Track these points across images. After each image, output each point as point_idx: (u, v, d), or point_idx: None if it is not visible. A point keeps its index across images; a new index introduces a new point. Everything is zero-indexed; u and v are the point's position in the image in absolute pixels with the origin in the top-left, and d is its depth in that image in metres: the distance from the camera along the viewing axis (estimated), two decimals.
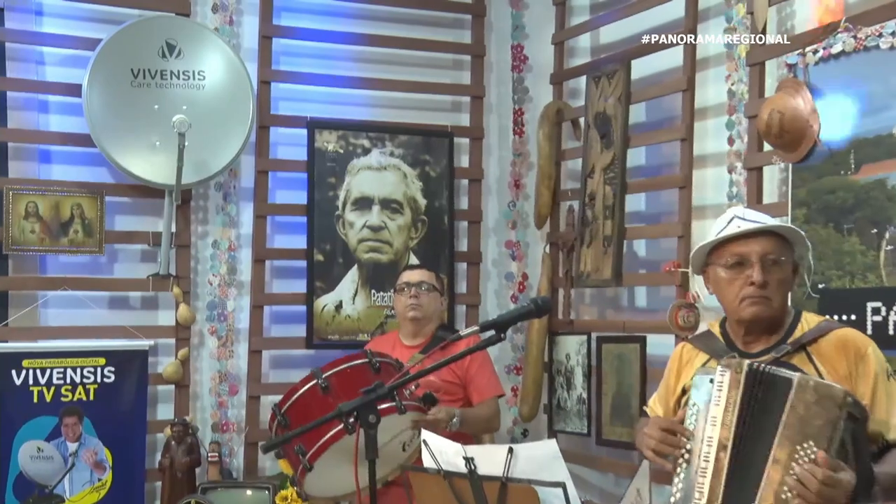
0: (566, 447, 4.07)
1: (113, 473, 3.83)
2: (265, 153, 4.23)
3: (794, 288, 2.80)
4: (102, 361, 3.84)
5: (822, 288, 3.10)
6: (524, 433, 4.46)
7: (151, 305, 4.14)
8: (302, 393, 2.97)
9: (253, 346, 4.19)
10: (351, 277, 4.27)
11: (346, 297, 4.26)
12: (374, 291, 4.29)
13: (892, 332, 2.89)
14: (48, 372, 3.76)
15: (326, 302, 4.23)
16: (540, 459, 2.24)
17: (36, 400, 3.74)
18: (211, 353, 4.18)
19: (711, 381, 2.29)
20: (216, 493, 3.89)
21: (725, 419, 2.24)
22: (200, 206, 4.21)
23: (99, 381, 3.83)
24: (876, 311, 2.93)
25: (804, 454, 2.14)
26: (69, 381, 3.79)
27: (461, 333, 2.44)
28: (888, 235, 2.92)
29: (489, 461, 2.27)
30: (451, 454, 2.35)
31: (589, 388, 4.04)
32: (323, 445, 2.81)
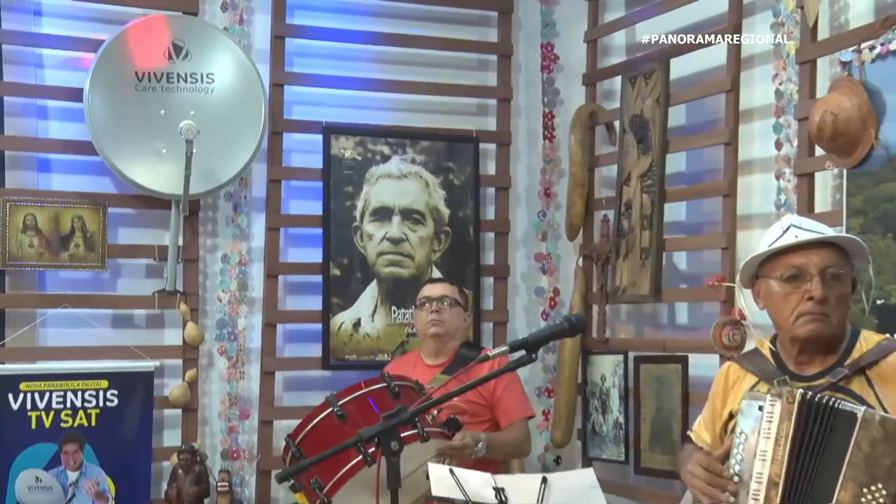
0: (602, 476, 3.94)
1: None
2: (278, 161, 4.24)
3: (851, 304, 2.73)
4: (105, 384, 3.85)
5: (880, 304, 3.06)
6: (557, 461, 4.44)
7: (157, 324, 4.14)
8: (317, 422, 2.97)
9: (265, 367, 4.19)
10: (370, 293, 4.27)
11: (364, 314, 4.26)
12: (394, 308, 4.29)
13: None
14: (47, 395, 3.76)
15: (343, 320, 4.24)
16: (576, 490, 2.23)
17: (34, 426, 3.74)
18: (220, 374, 4.19)
19: (760, 408, 2.25)
20: None
21: (776, 454, 2.19)
22: (209, 217, 4.22)
23: (101, 405, 3.83)
24: None
25: (872, 498, 2.08)
26: (69, 405, 3.79)
27: (489, 354, 2.42)
28: None
29: (521, 491, 2.26)
30: (478, 484, 2.33)
31: (626, 411, 4.03)
32: (342, 478, 2.80)
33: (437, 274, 4.31)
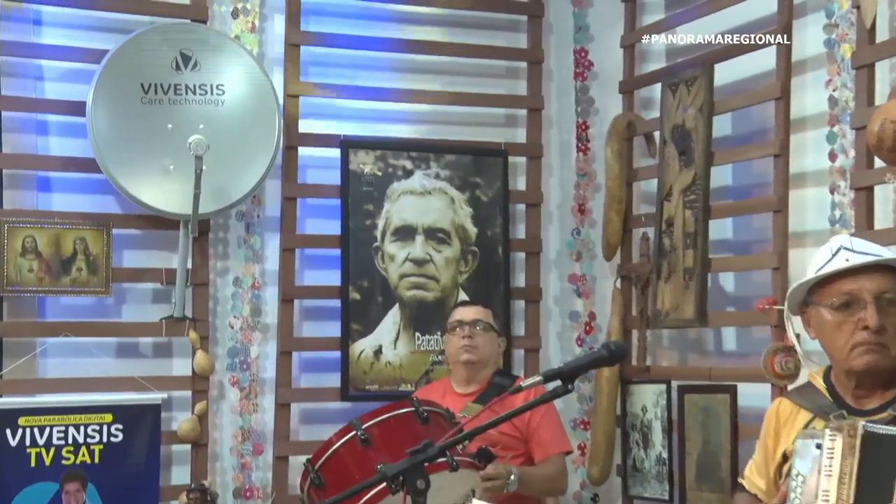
0: None
1: None
2: (293, 177, 4.25)
3: None
4: (109, 418, 3.83)
5: None
6: (594, 499, 4.42)
7: (164, 353, 4.14)
8: (338, 446, 2.97)
9: (280, 398, 4.19)
10: (392, 318, 4.27)
11: (386, 341, 4.25)
12: (418, 334, 4.29)
13: None
14: (47, 430, 3.75)
15: (364, 347, 4.23)
16: None
17: (34, 463, 3.73)
18: (232, 406, 4.18)
19: (818, 446, 2.21)
20: None
21: (841, 493, 2.15)
22: (220, 238, 4.22)
23: (105, 440, 3.83)
24: None
25: None
26: (71, 440, 3.78)
27: (521, 385, 2.42)
28: None
29: None
30: None
31: (670, 445, 4.01)
32: None
33: (463, 297, 4.30)
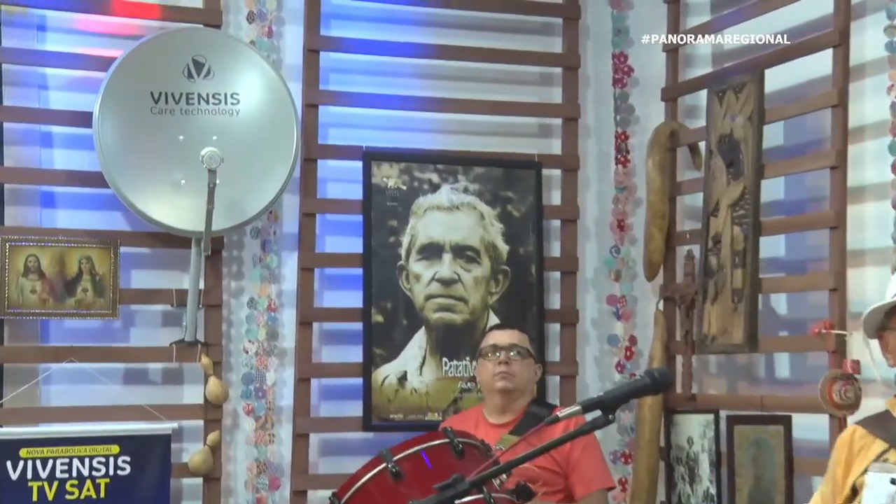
0: None
1: None
2: (312, 192, 4.25)
3: None
4: (116, 449, 3.83)
5: None
6: None
7: (175, 380, 4.14)
8: (367, 481, 2.98)
9: (298, 428, 4.18)
10: (417, 342, 4.26)
11: (411, 366, 4.25)
12: (445, 360, 4.28)
13: None
14: (50, 463, 3.75)
15: (388, 373, 4.23)
16: None
17: (36, 498, 3.72)
18: (247, 437, 4.18)
19: (893, 481, 2.21)
20: None
21: None
22: (234, 257, 4.23)
23: (111, 473, 3.82)
24: None
25: None
26: (76, 474, 3.77)
27: (559, 415, 2.44)
28: None
29: None
30: None
31: (718, 480, 3.97)
32: None
33: (494, 319, 4.30)
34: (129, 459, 3.83)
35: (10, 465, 3.70)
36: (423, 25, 4.46)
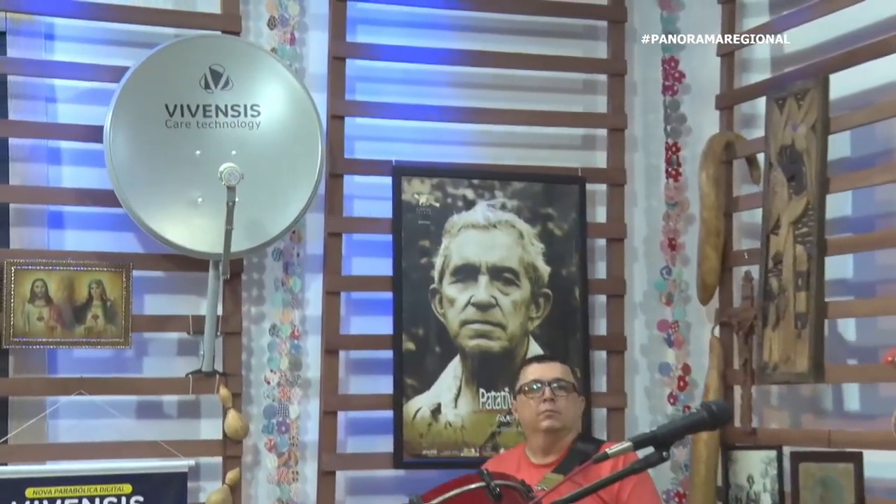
0: None
1: None
2: (338, 210, 4.26)
3: None
4: (128, 489, 3.83)
5: None
6: None
7: (192, 413, 4.15)
8: None
9: (324, 465, 4.17)
10: (452, 372, 4.26)
11: (445, 398, 4.24)
12: (482, 390, 4.27)
13: None
14: None
15: (420, 405, 4.22)
16: None
17: None
18: (269, 475, 4.17)
19: None
20: None
21: None
22: (255, 280, 4.23)
23: None
24: None
25: None
26: None
27: (608, 452, 2.42)
28: None
29: None
30: None
31: None
32: None
33: (535, 347, 4.30)
34: (142, 500, 3.83)
35: None
36: (456, 30, 4.47)
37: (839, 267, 3.95)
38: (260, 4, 4.25)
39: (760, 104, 4.21)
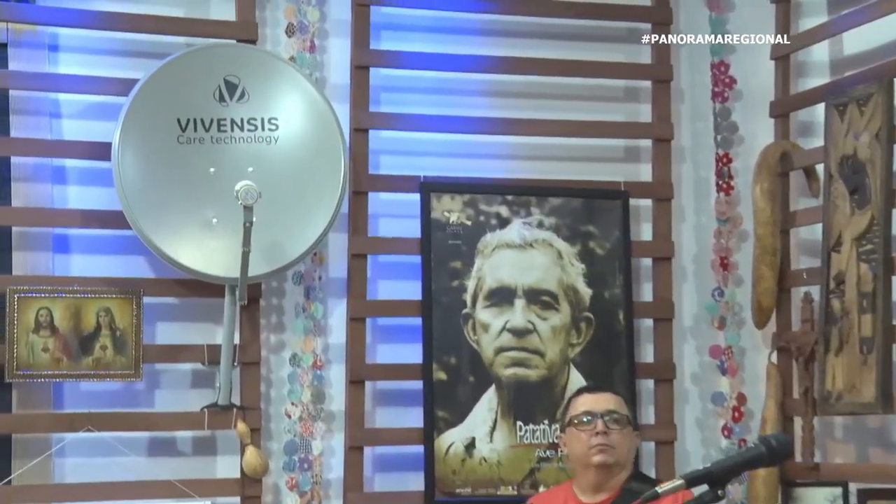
0: None
1: None
2: (362, 229, 4.26)
3: None
4: None
5: None
6: None
7: (207, 449, 4.15)
8: None
9: None
10: (487, 404, 4.25)
11: (480, 432, 4.23)
12: (520, 423, 4.26)
13: None
14: None
15: (453, 440, 4.21)
16: None
17: None
18: None
19: None
20: None
21: None
22: (274, 306, 4.24)
23: None
24: None
25: None
26: None
27: (659, 490, 2.41)
28: None
29: None
30: None
31: None
32: None
33: (576, 376, 4.30)
34: None
35: None
36: (487, 35, 4.48)
37: None
38: (277, 11, 4.26)
39: (819, 111, 4.20)
